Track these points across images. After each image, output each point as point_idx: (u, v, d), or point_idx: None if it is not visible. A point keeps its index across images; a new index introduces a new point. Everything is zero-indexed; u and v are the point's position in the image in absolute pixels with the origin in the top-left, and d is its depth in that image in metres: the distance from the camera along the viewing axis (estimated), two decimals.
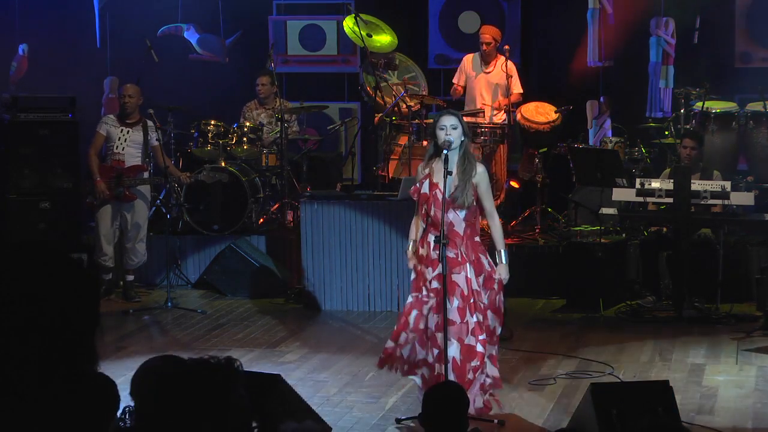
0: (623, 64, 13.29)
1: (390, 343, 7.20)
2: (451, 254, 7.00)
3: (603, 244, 10.42)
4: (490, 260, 7.18)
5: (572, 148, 11.46)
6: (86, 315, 2.34)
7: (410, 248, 7.24)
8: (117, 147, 10.78)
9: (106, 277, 10.93)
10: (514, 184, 12.27)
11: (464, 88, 12.18)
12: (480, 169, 7.13)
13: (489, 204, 7.20)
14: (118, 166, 10.73)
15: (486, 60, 12.01)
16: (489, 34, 12.03)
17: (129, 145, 10.78)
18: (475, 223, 7.17)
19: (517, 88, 11.90)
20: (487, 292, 7.11)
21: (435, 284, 7.02)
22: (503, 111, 11.87)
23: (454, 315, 6.98)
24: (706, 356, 8.76)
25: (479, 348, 7.03)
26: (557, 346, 9.09)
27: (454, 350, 6.96)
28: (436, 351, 7.03)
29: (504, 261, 7.15)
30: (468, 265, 7.04)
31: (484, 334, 7.06)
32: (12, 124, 11.47)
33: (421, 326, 7.07)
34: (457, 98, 12.16)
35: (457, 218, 7.07)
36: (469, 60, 12.14)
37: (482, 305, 7.05)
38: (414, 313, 7.10)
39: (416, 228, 7.24)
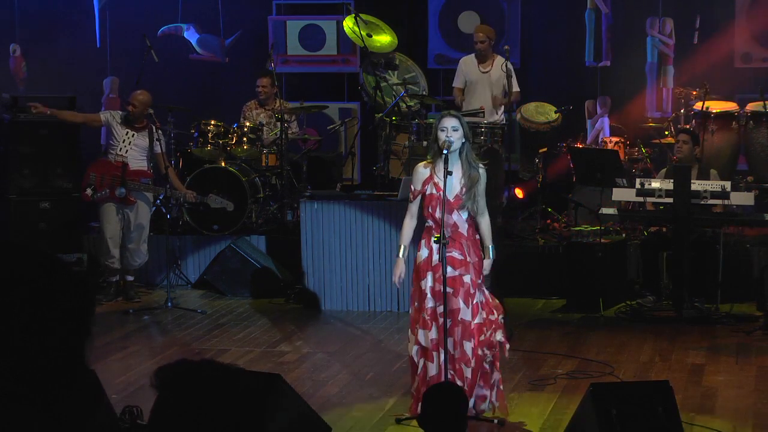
0: (622, 64, 13.30)
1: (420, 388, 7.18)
2: (457, 255, 7.03)
3: (603, 244, 10.42)
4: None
5: (572, 148, 11.46)
6: (79, 321, 2.33)
7: (401, 254, 7.24)
8: (120, 149, 10.74)
9: (113, 279, 10.92)
10: (518, 192, 12.26)
11: (464, 91, 12.12)
12: (482, 170, 7.17)
13: (482, 201, 7.24)
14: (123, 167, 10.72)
15: (482, 60, 11.97)
16: (483, 32, 12.01)
17: (132, 148, 10.74)
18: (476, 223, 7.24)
19: (515, 87, 11.88)
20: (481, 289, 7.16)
21: (440, 287, 7.03)
22: (503, 110, 11.85)
23: (466, 315, 7.02)
24: (706, 356, 8.76)
25: (478, 351, 7.08)
26: (557, 346, 9.09)
27: (468, 349, 7.01)
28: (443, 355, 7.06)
29: (492, 257, 7.21)
30: (471, 266, 7.08)
31: (483, 336, 7.11)
32: (12, 124, 11.47)
33: (433, 372, 7.09)
34: (458, 105, 12.10)
35: (461, 219, 7.11)
36: (465, 62, 12.09)
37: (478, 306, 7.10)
38: (422, 362, 7.13)
39: (409, 231, 7.26)
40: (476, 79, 11.96)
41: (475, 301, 7.06)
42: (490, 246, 7.25)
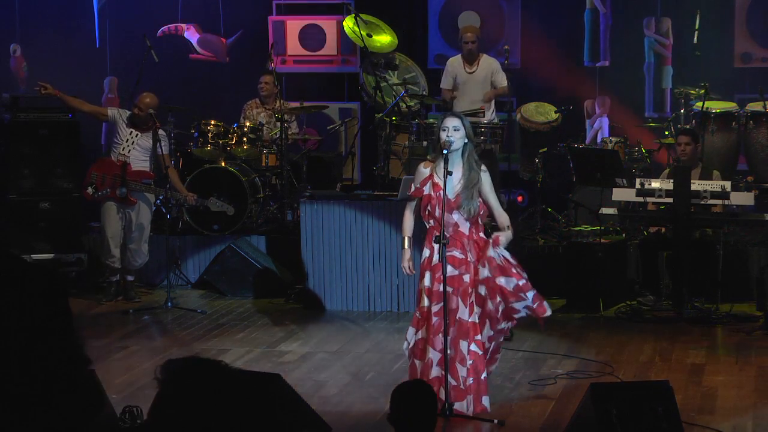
0: (621, 64, 13.31)
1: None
2: (458, 254, 7.05)
3: (603, 244, 10.42)
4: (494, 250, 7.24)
5: (572, 148, 11.46)
6: (53, 315, 2.32)
7: (406, 245, 7.27)
8: (124, 148, 10.72)
9: (113, 278, 10.92)
10: (519, 198, 12.29)
11: (452, 92, 12.08)
12: (484, 172, 7.18)
13: (494, 201, 7.26)
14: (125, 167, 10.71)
15: (470, 60, 11.94)
16: (472, 32, 11.98)
17: (135, 148, 10.72)
18: (478, 219, 7.23)
19: (503, 82, 11.83)
20: (504, 278, 7.16)
21: (439, 287, 7.04)
22: (493, 108, 11.83)
23: (464, 314, 7.04)
24: (706, 356, 8.77)
25: (474, 348, 7.10)
26: (557, 346, 9.09)
27: (464, 347, 7.03)
28: (439, 355, 7.08)
29: (509, 230, 7.24)
30: (471, 266, 7.09)
31: (480, 335, 7.13)
32: (12, 124, 11.47)
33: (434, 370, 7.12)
34: (451, 102, 12.07)
35: (461, 219, 7.13)
36: (452, 63, 12.05)
37: (476, 304, 7.13)
38: (412, 360, 7.18)
39: (409, 224, 7.29)
40: (464, 80, 11.92)
41: (471, 300, 7.09)
42: (508, 227, 7.25)
